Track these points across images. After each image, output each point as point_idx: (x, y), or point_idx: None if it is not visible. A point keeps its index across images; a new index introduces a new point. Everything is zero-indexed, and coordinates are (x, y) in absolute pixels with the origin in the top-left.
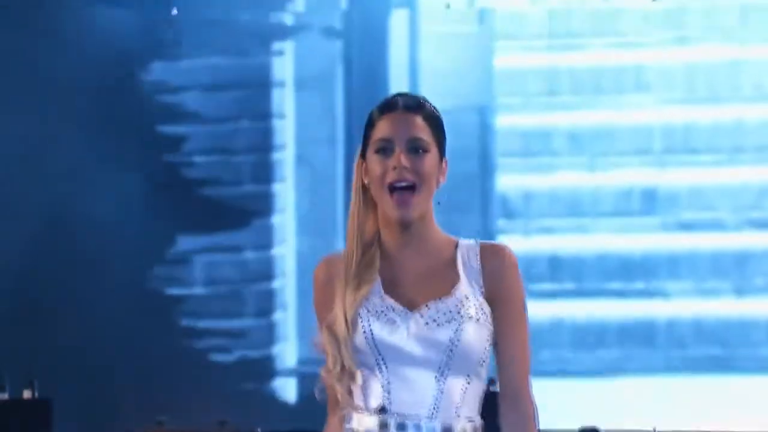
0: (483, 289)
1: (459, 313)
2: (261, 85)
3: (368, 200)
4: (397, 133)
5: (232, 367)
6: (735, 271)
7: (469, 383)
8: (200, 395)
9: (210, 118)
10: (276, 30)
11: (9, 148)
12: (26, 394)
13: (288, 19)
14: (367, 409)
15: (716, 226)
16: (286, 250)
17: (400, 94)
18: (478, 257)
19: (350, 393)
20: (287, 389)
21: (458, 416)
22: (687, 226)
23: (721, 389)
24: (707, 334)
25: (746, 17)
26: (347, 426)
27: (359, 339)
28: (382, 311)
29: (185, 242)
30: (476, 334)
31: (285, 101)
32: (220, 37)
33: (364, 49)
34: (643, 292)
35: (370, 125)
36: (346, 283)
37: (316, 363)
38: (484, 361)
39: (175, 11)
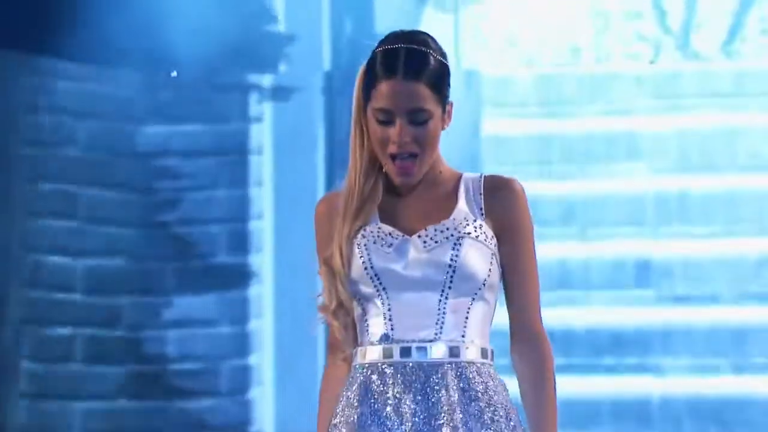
0: (484, 215)
1: (457, 230)
2: (238, 151)
3: (369, 137)
4: (397, 104)
5: None
6: (733, 347)
7: (472, 304)
8: None
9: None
10: (254, 93)
11: None
12: None
13: (267, 82)
14: (370, 341)
15: (713, 299)
16: (263, 324)
17: (402, 42)
18: (482, 186)
19: (347, 329)
20: None
21: (464, 338)
22: (682, 300)
23: None
24: (704, 412)
25: (742, 84)
26: (354, 363)
27: (357, 269)
28: (380, 238)
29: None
30: (477, 252)
31: (263, 168)
32: (194, 101)
33: (348, 112)
34: (636, 368)
35: (371, 79)
36: (344, 218)
37: None
38: (488, 283)
39: (174, 73)
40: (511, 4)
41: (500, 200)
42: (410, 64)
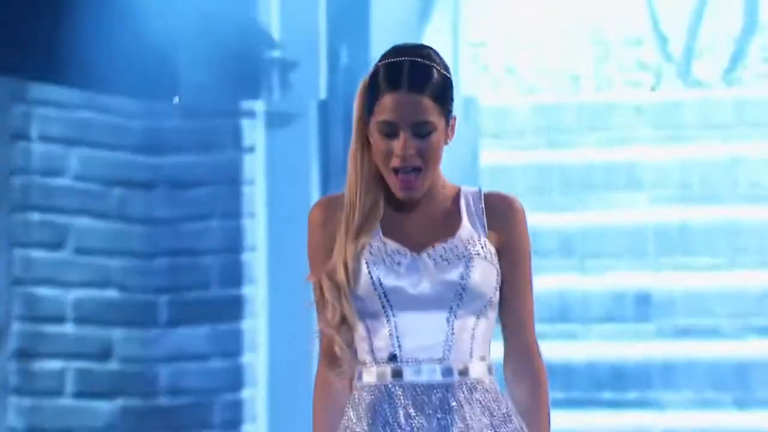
0: (486, 232)
1: (467, 249)
2: (231, 181)
3: (370, 150)
4: (402, 117)
5: None
6: (735, 382)
7: (478, 323)
8: None
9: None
10: (248, 122)
11: None
12: None
13: (261, 109)
14: (375, 360)
15: (715, 333)
16: (256, 357)
17: (406, 56)
18: (482, 202)
19: (350, 347)
20: None
21: (472, 356)
22: (683, 333)
23: None
24: None
25: (743, 113)
26: (358, 383)
27: (364, 286)
28: (388, 255)
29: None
30: (485, 271)
31: (256, 198)
32: (187, 130)
33: (344, 141)
34: (636, 403)
35: (374, 92)
36: (347, 234)
37: None
38: (492, 301)
39: (176, 99)
40: (510, 32)
41: (502, 218)
42: (414, 76)
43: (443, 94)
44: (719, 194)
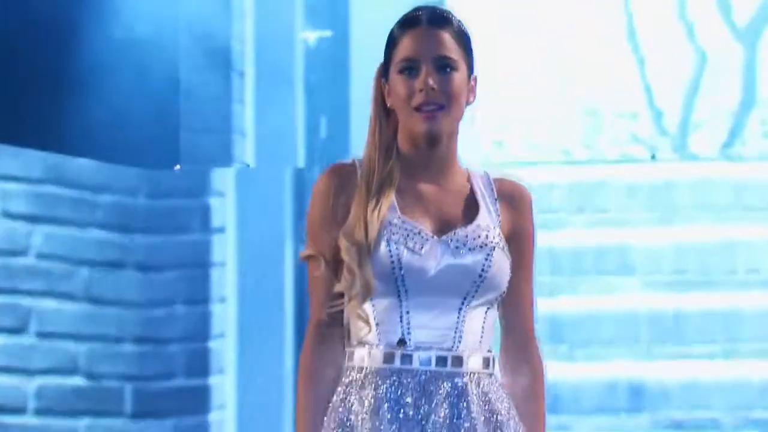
0: (499, 220)
1: (488, 238)
2: (199, 264)
3: (389, 121)
4: (423, 51)
5: None
6: None
7: (487, 315)
8: None
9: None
10: (217, 202)
11: None
12: None
13: (230, 187)
14: (382, 342)
15: (713, 426)
16: None
17: (423, 7)
18: (494, 190)
19: (358, 319)
20: None
21: (480, 347)
22: (679, 426)
23: None
24: None
25: (740, 195)
26: (353, 364)
27: (383, 263)
28: (408, 235)
29: None
30: (503, 263)
31: (226, 282)
32: (153, 210)
33: None
34: None
35: (391, 43)
36: (368, 196)
37: None
38: (503, 293)
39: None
40: (498, 104)
41: (513, 207)
42: (434, 15)
43: (465, 38)
44: (716, 280)
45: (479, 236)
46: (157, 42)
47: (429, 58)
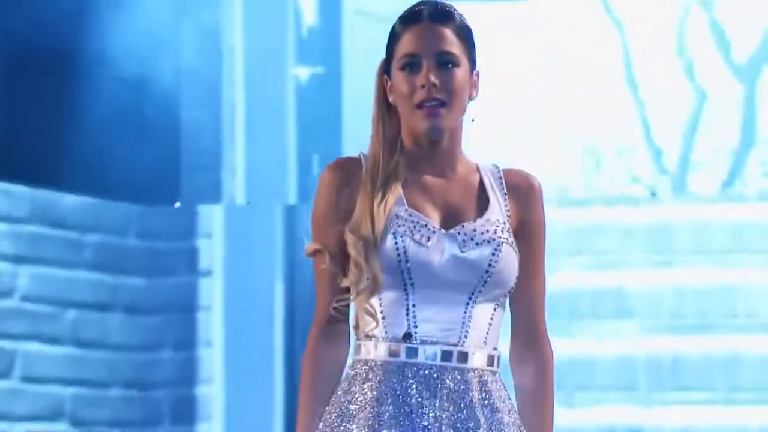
0: (509, 214)
1: (496, 233)
2: (185, 308)
3: (392, 117)
4: (424, 47)
5: None
6: None
7: (495, 311)
8: None
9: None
10: (205, 244)
11: None
12: None
13: (218, 230)
14: (388, 335)
15: None
16: None
17: (425, 2)
18: (503, 183)
19: (366, 316)
20: None
21: (486, 344)
22: None
23: None
24: None
25: (740, 238)
26: (365, 357)
27: (389, 255)
28: (415, 228)
29: None
30: (511, 259)
31: (213, 326)
32: (139, 251)
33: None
34: None
35: (393, 39)
36: (373, 190)
37: None
38: (512, 290)
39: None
40: (497, 141)
41: (523, 199)
42: (436, 10)
43: (467, 33)
44: (715, 323)
45: (487, 231)
46: (146, 80)
47: (430, 53)
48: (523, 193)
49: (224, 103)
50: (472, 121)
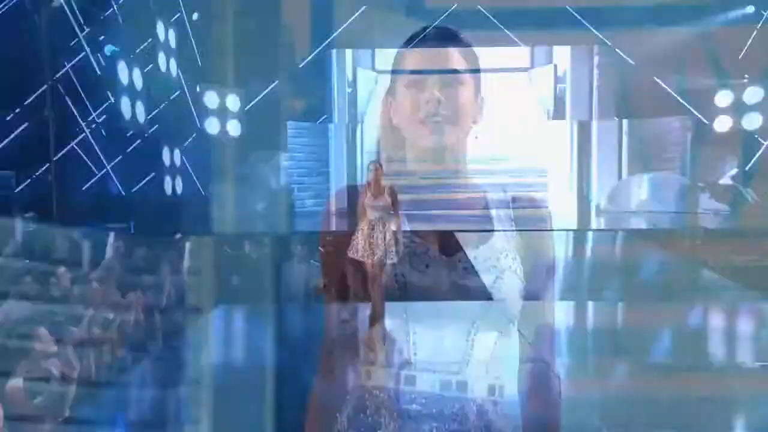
0: (516, 238)
1: (498, 260)
2: None
3: (395, 139)
4: (430, 65)
5: None
6: None
7: (499, 339)
8: None
9: None
10: None
11: None
12: None
13: None
14: (389, 362)
15: None
16: None
17: (433, 26)
18: (510, 210)
19: (368, 343)
20: None
21: (487, 373)
22: None
23: None
24: None
25: None
26: (361, 383)
27: (388, 282)
28: (414, 253)
29: None
30: (514, 286)
31: None
32: None
33: None
34: None
35: (399, 60)
36: (374, 217)
37: None
38: (516, 318)
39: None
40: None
41: (530, 225)
42: (441, 31)
43: (471, 57)
44: None
45: (490, 257)
46: None
47: (436, 71)
48: (532, 223)
49: None
50: (476, 138)
